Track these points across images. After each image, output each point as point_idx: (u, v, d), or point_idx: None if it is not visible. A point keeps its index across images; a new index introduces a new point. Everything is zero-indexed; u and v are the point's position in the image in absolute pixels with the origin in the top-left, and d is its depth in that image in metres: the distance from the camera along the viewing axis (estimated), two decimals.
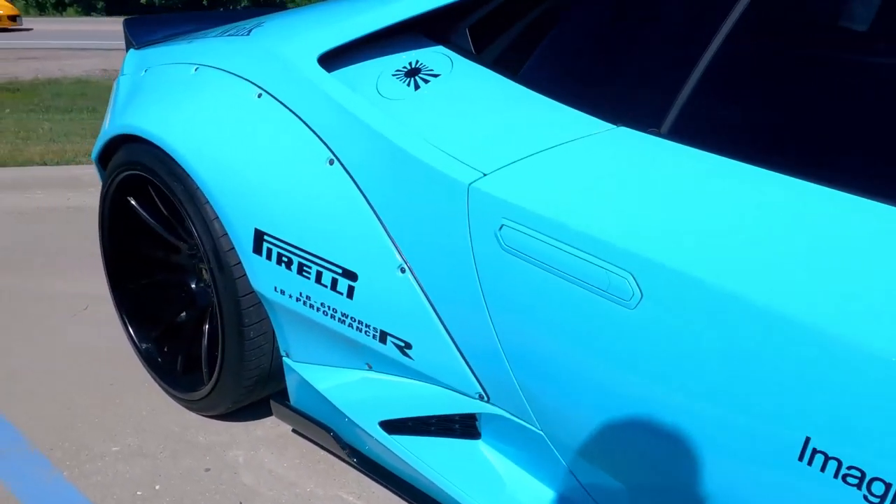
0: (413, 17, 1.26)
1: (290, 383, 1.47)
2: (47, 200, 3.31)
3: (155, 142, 1.45)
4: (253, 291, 1.40)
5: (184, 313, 1.79)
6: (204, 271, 1.70)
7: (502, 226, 1.02)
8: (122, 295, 1.84)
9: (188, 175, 1.41)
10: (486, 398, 1.16)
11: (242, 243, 1.34)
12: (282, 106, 1.32)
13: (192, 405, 1.70)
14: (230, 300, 1.42)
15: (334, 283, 1.24)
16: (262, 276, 1.33)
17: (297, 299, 1.30)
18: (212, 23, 2.01)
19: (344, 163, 1.23)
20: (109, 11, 20.29)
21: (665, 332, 0.88)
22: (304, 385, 1.41)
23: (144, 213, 1.70)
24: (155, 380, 1.79)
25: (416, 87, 1.24)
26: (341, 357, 1.34)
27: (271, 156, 1.30)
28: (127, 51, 1.91)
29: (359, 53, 1.34)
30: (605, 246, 0.91)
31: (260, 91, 1.36)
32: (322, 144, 1.26)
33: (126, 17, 2.11)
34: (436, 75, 1.25)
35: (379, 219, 1.19)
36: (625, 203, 0.94)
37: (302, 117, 1.29)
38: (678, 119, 0.97)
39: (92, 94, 6.47)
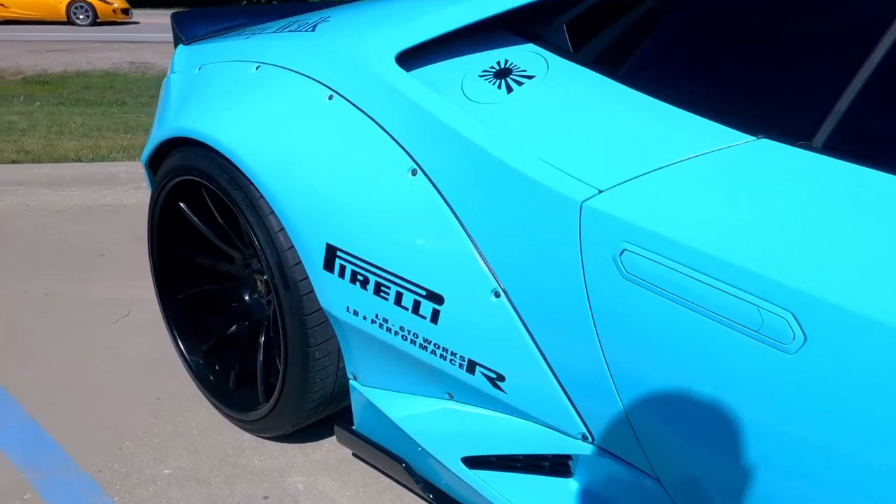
0: (504, 12, 1.14)
1: (357, 408, 1.36)
2: (83, 198, 3.24)
3: (214, 146, 1.35)
4: (320, 309, 1.29)
5: (236, 326, 1.68)
6: (259, 282, 1.60)
7: (623, 250, 0.89)
8: (170, 306, 1.74)
9: (251, 183, 1.30)
10: (589, 438, 1.04)
11: (312, 259, 1.23)
12: (356, 109, 1.20)
13: (246, 425, 1.60)
14: (295, 319, 1.31)
15: (416, 305, 1.13)
16: (334, 294, 1.22)
17: (373, 321, 1.19)
18: (264, 17, 1.91)
19: (429, 173, 1.11)
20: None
21: (831, 382, 0.75)
22: (374, 411, 1.30)
23: (197, 221, 1.60)
24: (206, 396, 1.70)
25: (509, 89, 1.12)
26: (418, 384, 1.23)
27: (345, 164, 1.19)
28: (175, 46, 1.81)
29: (438, 52, 1.22)
30: (758, 279, 0.78)
31: (331, 93, 1.24)
32: (403, 152, 1.14)
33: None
34: (530, 77, 1.12)
35: (470, 237, 1.07)
36: (776, 228, 0.81)
37: (379, 122, 1.18)
38: (835, 131, 0.84)
39: None
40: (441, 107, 1.11)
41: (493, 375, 1.09)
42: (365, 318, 1.20)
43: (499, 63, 1.17)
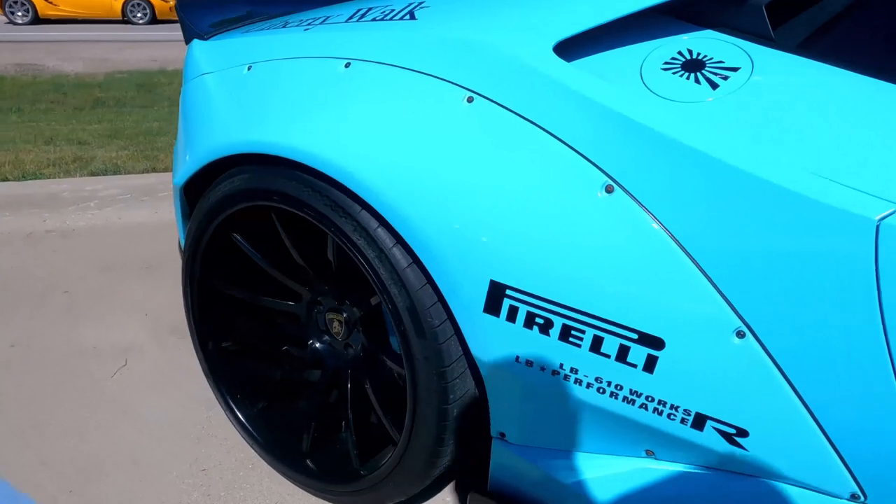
0: None
1: (499, 469, 1.14)
2: (19, 224, 2.77)
3: (310, 164, 1.08)
4: (460, 358, 1.06)
5: (303, 377, 1.41)
6: (337, 323, 1.33)
7: None
8: (215, 356, 1.44)
9: (364, 209, 1.05)
10: (861, 497, 0.88)
11: (466, 300, 0.99)
12: (510, 113, 0.98)
13: (337, 497, 1.33)
14: (430, 371, 1.07)
15: (623, 352, 0.92)
16: (497, 342, 1.00)
17: (554, 373, 0.98)
18: (274, 5, 1.64)
19: (630, 189, 0.91)
20: None
21: None
22: (527, 474, 1.09)
23: (258, 255, 1.32)
24: (269, 462, 1.41)
25: (713, 84, 0.93)
26: (604, 442, 1.02)
27: (511, 182, 0.96)
28: (188, 42, 1.50)
29: (595, 41, 1.02)
30: None
31: (469, 93, 1.01)
32: (588, 164, 0.93)
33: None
34: (732, 69, 0.94)
35: (699, 266, 0.88)
36: None
37: (546, 127, 0.96)
38: None
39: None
40: (638, 107, 0.91)
41: (731, 430, 0.90)
42: (543, 368, 0.98)
43: (681, 54, 0.98)
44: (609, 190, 0.92)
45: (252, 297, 1.39)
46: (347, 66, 1.14)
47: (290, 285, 1.35)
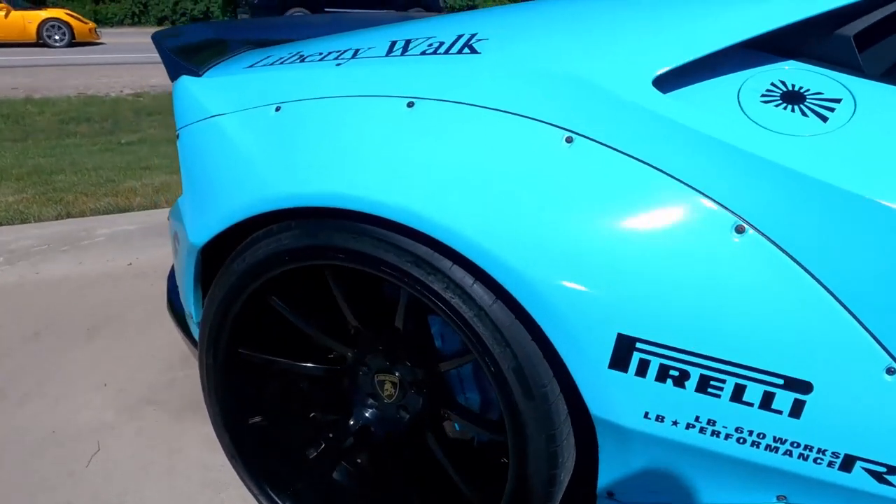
0: (797, 21, 0.94)
1: None
2: None
3: (390, 216, 0.96)
4: (565, 419, 0.99)
5: (349, 444, 1.27)
6: (389, 385, 1.21)
7: None
8: (242, 437, 1.27)
9: (456, 262, 0.96)
10: None
11: (588, 356, 0.92)
12: (618, 153, 0.92)
13: None
14: (538, 435, 0.98)
15: (768, 399, 0.88)
16: (623, 398, 0.93)
17: (689, 426, 0.92)
18: (255, 32, 1.50)
19: (762, 228, 0.87)
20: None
21: None
22: None
23: (297, 318, 1.17)
24: None
25: (822, 117, 0.92)
26: (734, 491, 0.98)
27: (632, 226, 0.90)
28: (175, 78, 1.33)
29: (686, 73, 0.98)
30: None
31: (567, 133, 0.94)
32: (713, 203, 0.89)
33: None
34: (835, 100, 0.93)
35: (841, 303, 0.85)
36: None
37: (661, 166, 0.91)
38: None
39: None
40: (755, 141, 0.88)
41: (882, 469, 0.88)
42: (675, 422, 0.92)
43: (775, 85, 0.96)
44: (740, 230, 0.88)
45: (288, 363, 1.23)
46: (410, 105, 1.03)
47: (334, 348, 1.21)
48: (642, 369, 0.91)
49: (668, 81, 0.95)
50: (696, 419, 0.91)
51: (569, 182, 0.93)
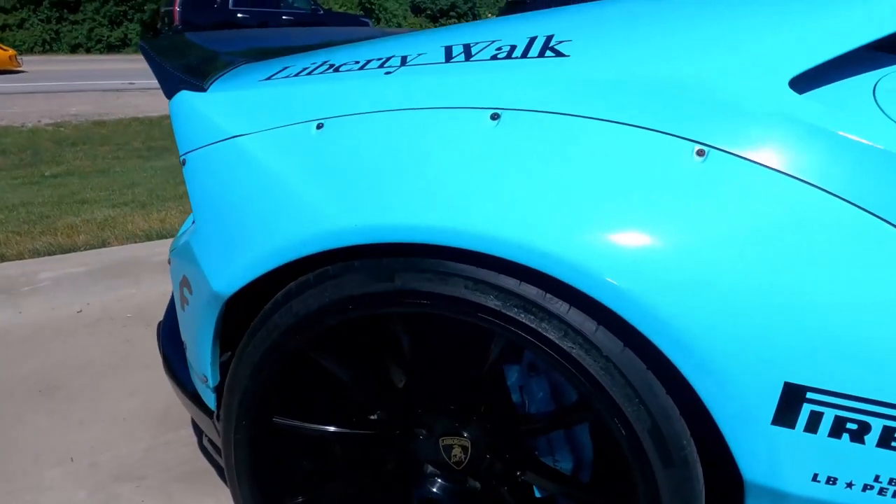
0: None
1: None
2: None
3: (495, 252, 0.79)
4: (702, 487, 0.83)
5: None
6: (458, 449, 1.02)
7: None
8: None
9: (574, 305, 0.79)
10: None
11: (747, 411, 0.76)
12: (761, 167, 0.78)
13: None
14: None
15: None
16: (789, 460, 0.77)
17: (867, 487, 0.77)
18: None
19: None
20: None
21: None
22: None
23: (351, 377, 0.97)
24: None
25: None
26: None
27: (796, 254, 0.75)
28: (172, 94, 1.12)
29: (822, 74, 0.86)
30: None
31: (700, 146, 0.80)
32: (883, 223, 0.76)
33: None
34: None
35: None
36: None
37: (812, 181, 0.77)
38: None
39: None
40: None
41: None
42: (850, 485, 0.77)
43: None
44: None
45: (336, 431, 1.02)
46: (495, 118, 0.86)
47: (388, 411, 1.01)
48: (813, 424, 0.76)
49: (803, 82, 0.82)
50: (876, 479, 0.77)
51: (709, 202, 0.78)
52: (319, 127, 0.95)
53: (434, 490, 1.06)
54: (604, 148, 0.81)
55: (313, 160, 0.93)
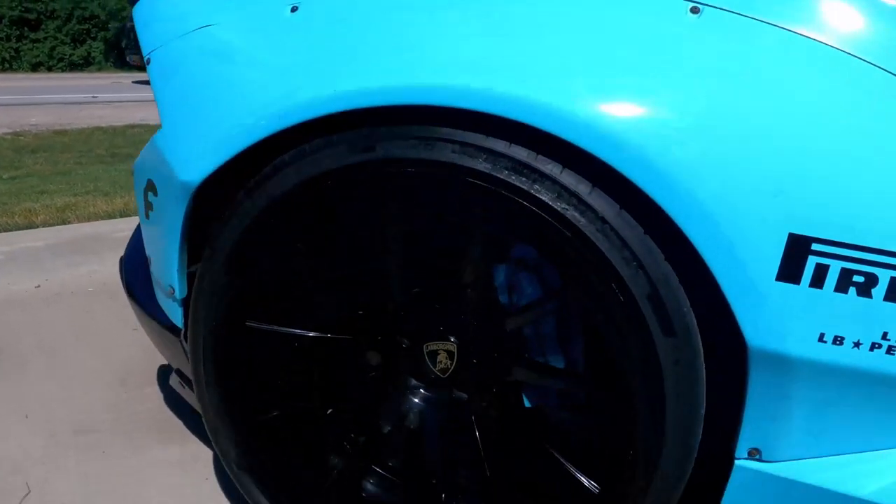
0: None
1: (747, 500, 0.86)
2: None
3: (488, 109, 0.74)
4: (700, 356, 0.79)
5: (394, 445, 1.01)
6: (445, 356, 0.97)
7: None
8: (254, 439, 0.97)
9: (567, 166, 0.75)
10: None
11: (751, 268, 0.73)
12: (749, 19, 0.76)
13: None
14: (679, 380, 0.77)
15: None
16: (794, 319, 0.74)
17: (874, 346, 0.74)
18: None
19: None
20: None
21: None
22: (799, 496, 0.83)
23: (329, 270, 0.91)
24: None
25: None
26: None
27: (806, 96, 0.72)
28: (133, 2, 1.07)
29: None
30: None
31: (694, 4, 0.77)
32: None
33: None
34: None
35: None
36: None
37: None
38: None
39: None
40: None
41: None
42: (857, 344, 0.74)
43: None
44: None
45: (314, 337, 0.96)
46: None
47: (370, 312, 0.95)
48: (819, 278, 0.72)
49: None
50: (884, 336, 0.74)
51: (706, 54, 0.75)
52: (293, 10, 0.90)
53: (416, 403, 1.00)
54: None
55: (288, 36, 0.88)
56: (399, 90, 0.77)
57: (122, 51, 15.66)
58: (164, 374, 1.64)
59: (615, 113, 0.72)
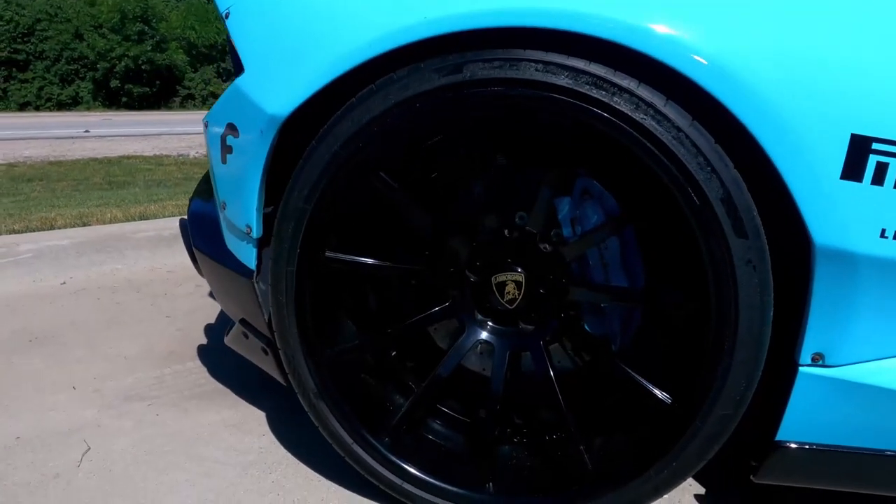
0: None
1: (810, 409, 0.90)
2: None
3: (569, 27, 0.81)
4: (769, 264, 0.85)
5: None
6: (513, 286, 1.02)
7: None
8: (332, 371, 1.01)
9: (643, 81, 0.82)
10: None
11: (816, 167, 0.79)
12: None
13: None
14: (751, 283, 0.83)
15: None
16: (856, 215, 0.80)
17: None
18: None
19: None
20: None
21: None
22: (867, 404, 0.88)
23: (409, 204, 0.96)
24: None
25: None
26: None
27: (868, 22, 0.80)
28: None
29: None
30: None
31: None
32: None
33: None
34: None
35: None
36: None
37: None
38: None
39: None
40: None
41: None
42: None
43: None
44: None
45: (392, 266, 1.00)
46: None
47: (443, 244, 1.00)
48: (879, 175, 0.79)
49: None
50: None
51: None
52: None
53: (485, 336, 1.04)
54: None
55: None
56: (488, 14, 0.84)
57: (111, 90, 15.80)
58: (204, 351, 1.66)
59: (693, 27, 0.79)
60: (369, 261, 1.01)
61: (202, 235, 1.23)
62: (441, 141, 0.95)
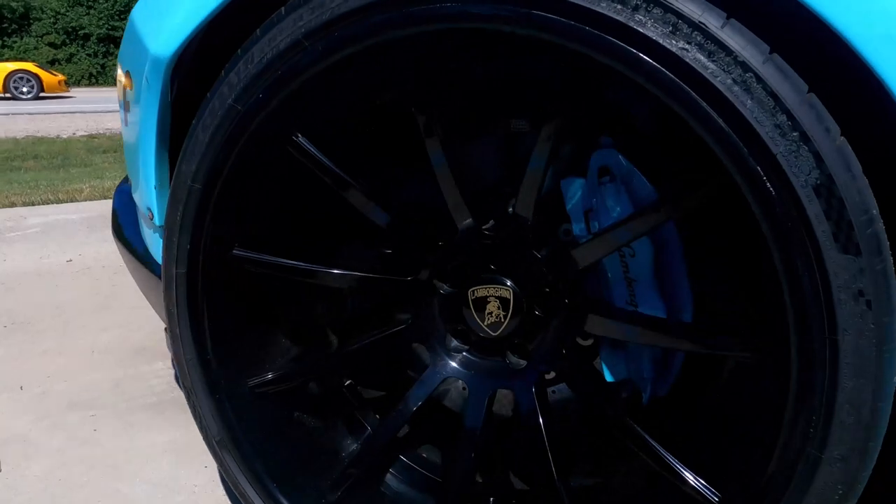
0: None
1: None
2: None
3: None
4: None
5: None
6: (495, 305, 0.71)
7: None
8: (243, 411, 0.74)
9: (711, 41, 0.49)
10: None
11: None
12: None
13: None
14: (858, 311, 0.49)
15: None
16: None
17: None
18: None
19: None
20: None
21: None
22: None
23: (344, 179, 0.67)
24: None
25: None
26: None
27: None
28: None
29: None
30: None
31: None
32: None
33: None
34: None
35: None
36: None
37: None
38: None
39: None
40: None
41: None
42: None
43: None
44: None
45: (317, 271, 0.72)
46: None
47: (396, 238, 0.71)
48: None
49: None
50: None
51: None
52: None
53: (456, 370, 0.74)
54: None
55: None
56: None
57: None
58: None
59: None
60: (300, 264, 0.73)
61: (130, 223, 0.99)
62: (383, 85, 0.65)
